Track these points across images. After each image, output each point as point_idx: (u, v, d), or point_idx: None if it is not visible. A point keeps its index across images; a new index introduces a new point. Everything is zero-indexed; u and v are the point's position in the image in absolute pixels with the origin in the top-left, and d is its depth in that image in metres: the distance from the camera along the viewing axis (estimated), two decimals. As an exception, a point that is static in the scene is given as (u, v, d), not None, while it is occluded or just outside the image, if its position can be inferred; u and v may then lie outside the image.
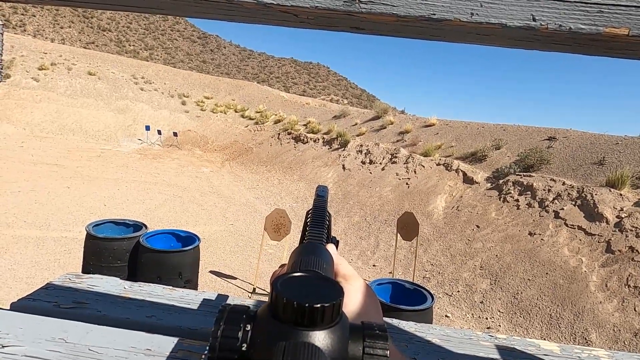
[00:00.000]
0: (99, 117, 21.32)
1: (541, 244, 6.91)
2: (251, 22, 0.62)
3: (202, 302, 1.12)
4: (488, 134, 12.40)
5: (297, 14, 0.57)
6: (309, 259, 0.35)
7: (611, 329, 5.05)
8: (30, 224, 6.85)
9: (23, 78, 22.25)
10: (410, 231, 5.41)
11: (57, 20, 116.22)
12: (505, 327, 5.49)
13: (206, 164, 16.33)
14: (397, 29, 0.57)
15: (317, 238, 0.43)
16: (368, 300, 0.39)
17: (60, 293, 1.09)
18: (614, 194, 7.31)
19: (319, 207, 0.51)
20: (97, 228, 4.52)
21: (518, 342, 1.11)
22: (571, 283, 5.91)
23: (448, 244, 7.79)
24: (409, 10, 0.53)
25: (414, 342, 1.05)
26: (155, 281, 3.93)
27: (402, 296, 3.74)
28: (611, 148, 9.32)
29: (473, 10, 0.52)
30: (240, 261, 6.70)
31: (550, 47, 0.58)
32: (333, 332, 0.26)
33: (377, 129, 15.72)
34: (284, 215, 5.18)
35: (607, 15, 0.50)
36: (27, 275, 5.16)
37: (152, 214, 8.43)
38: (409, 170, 11.41)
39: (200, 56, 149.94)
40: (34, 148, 14.28)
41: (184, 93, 28.46)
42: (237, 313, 0.27)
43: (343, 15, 0.55)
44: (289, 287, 0.27)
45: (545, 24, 0.51)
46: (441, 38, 0.60)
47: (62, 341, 0.82)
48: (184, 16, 0.65)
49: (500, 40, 0.58)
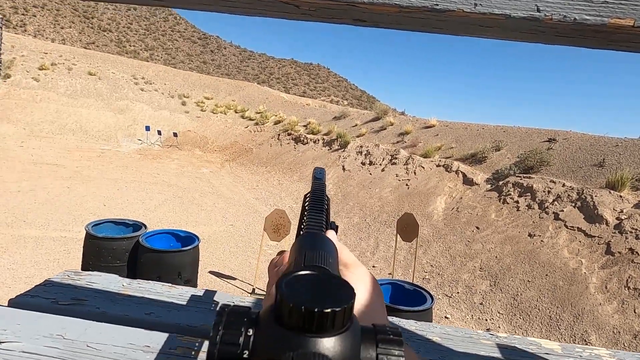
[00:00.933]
0: (99, 117, 21.32)
1: (541, 245, 6.90)
2: (252, 14, 0.61)
3: (201, 299, 1.11)
4: (488, 135, 12.40)
5: (298, 5, 0.57)
6: (313, 252, 0.33)
7: (611, 331, 5.04)
8: (30, 224, 6.84)
9: (23, 78, 22.25)
10: (410, 232, 5.40)
11: (57, 20, 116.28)
12: (505, 328, 5.48)
13: (206, 164, 16.32)
14: (399, 20, 0.57)
15: (316, 225, 0.41)
16: (372, 290, 0.38)
17: (59, 290, 1.08)
18: (614, 195, 7.30)
19: (317, 190, 0.49)
20: (97, 228, 4.52)
21: (519, 341, 1.11)
22: (571, 285, 5.90)
23: (448, 245, 7.78)
24: (411, 0, 0.53)
25: (415, 341, 1.04)
26: (154, 281, 3.92)
27: (402, 297, 3.73)
28: (611, 150, 9.32)
29: (477, 0, 0.52)
30: (240, 261, 6.70)
31: (554, 40, 0.57)
32: (344, 338, 0.23)
33: (377, 130, 15.73)
34: (284, 215, 5.17)
35: (612, 5, 0.50)
36: (26, 274, 5.15)
37: (152, 214, 8.42)
38: (409, 171, 11.41)
39: (200, 57, 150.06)
40: (33, 148, 14.27)
41: (184, 93, 28.48)
42: (237, 316, 0.24)
43: (345, 6, 0.55)
44: (295, 289, 0.25)
45: (550, 14, 0.51)
46: (444, 30, 0.59)
47: (61, 337, 0.81)
48: (184, 8, 0.64)
49: (503, 33, 0.57)
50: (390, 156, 12.64)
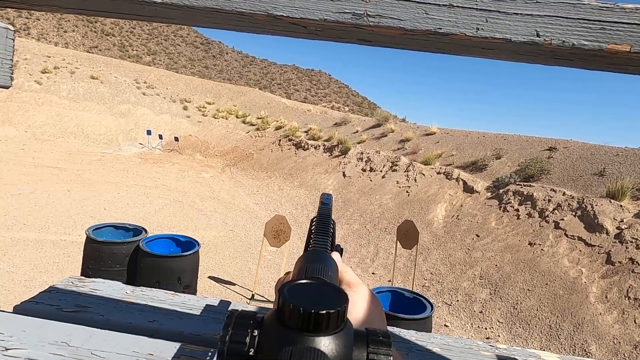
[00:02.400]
0: (101, 121, 21.39)
1: (541, 254, 6.90)
2: (261, 33, 0.63)
3: (204, 307, 1.12)
4: (489, 143, 12.43)
5: (305, 26, 0.58)
6: (314, 266, 0.36)
7: (611, 341, 5.03)
8: (30, 227, 6.85)
9: (26, 81, 22.35)
10: (410, 239, 5.40)
11: (61, 24, 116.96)
12: (504, 337, 5.46)
13: (207, 169, 16.34)
14: (404, 42, 0.59)
15: (321, 246, 0.43)
16: (372, 308, 0.40)
17: (63, 296, 1.09)
18: (614, 205, 7.31)
19: (324, 214, 0.52)
20: (97, 232, 4.52)
21: (518, 353, 1.12)
22: (571, 294, 5.89)
23: (448, 253, 7.78)
24: (415, 24, 0.54)
25: (415, 351, 1.05)
26: (154, 286, 3.92)
27: (401, 305, 3.73)
28: (611, 159, 9.34)
29: (478, 25, 0.53)
30: (240, 267, 6.69)
31: (554, 62, 0.59)
32: (338, 338, 0.26)
33: (378, 136, 15.76)
34: (284, 221, 5.18)
35: (609, 32, 0.52)
36: (26, 278, 5.15)
37: (152, 218, 8.42)
38: (409, 178, 11.42)
39: (202, 62, 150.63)
40: (35, 151, 14.30)
41: (186, 98, 28.57)
42: (245, 318, 0.27)
43: (351, 28, 0.57)
44: (295, 294, 0.28)
45: (549, 39, 0.53)
46: (446, 51, 0.61)
47: (65, 345, 0.82)
48: (195, 26, 0.66)
49: (504, 55, 0.59)
50: (391, 163, 12.66)
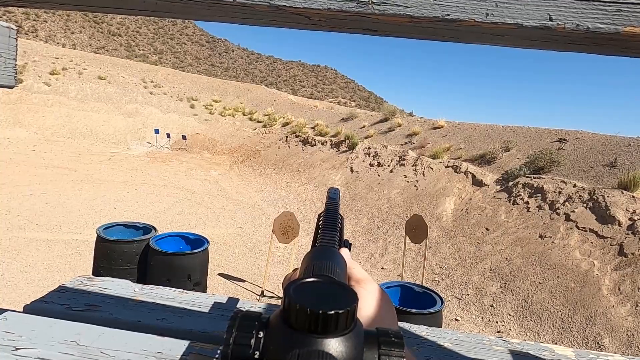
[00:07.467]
0: (109, 121, 21.57)
1: (552, 246, 6.82)
2: (263, 25, 0.62)
3: (213, 305, 1.12)
4: (497, 135, 12.30)
5: (309, 16, 0.57)
6: (321, 263, 0.34)
7: (624, 334, 4.97)
8: (42, 227, 6.94)
9: (35, 83, 22.58)
10: (419, 234, 5.38)
11: (68, 25, 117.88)
12: (515, 330, 5.42)
13: (215, 167, 16.41)
14: (410, 30, 0.57)
15: (329, 241, 0.42)
16: (382, 305, 0.38)
17: (73, 296, 1.10)
18: (627, 196, 7.20)
19: (331, 209, 0.50)
20: (108, 231, 4.57)
21: (531, 347, 1.10)
22: (583, 286, 5.82)
23: (457, 247, 7.73)
24: (422, 11, 0.52)
25: (426, 347, 1.04)
26: (164, 284, 3.96)
27: (411, 299, 3.72)
28: (623, 150, 9.19)
29: (488, 10, 0.51)
30: (249, 264, 6.72)
31: (567, 47, 0.57)
32: (347, 340, 0.25)
33: (385, 131, 15.68)
34: (292, 218, 5.18)
35: (626, 14, 0.49)
36: (39, 277, 5.22)
37: (161, 216, 8.48)
38: (417, 172, 11.35)
39: (208, 60, 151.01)
40: (45, 152, 14.47)
41: (193, 96, 28.69)
42: (249, 320, 0.26)
43: (355, 16, 0.55)
44: (302, 293, 0.26)
45: (563, 23, 0.50)
46: (455, 39, 0.59)
47: (75, 344, 0.82)
48: (195, 19, 0.65)
49: (515, 41, 0.57)
50: (399, 157, 12.60)
